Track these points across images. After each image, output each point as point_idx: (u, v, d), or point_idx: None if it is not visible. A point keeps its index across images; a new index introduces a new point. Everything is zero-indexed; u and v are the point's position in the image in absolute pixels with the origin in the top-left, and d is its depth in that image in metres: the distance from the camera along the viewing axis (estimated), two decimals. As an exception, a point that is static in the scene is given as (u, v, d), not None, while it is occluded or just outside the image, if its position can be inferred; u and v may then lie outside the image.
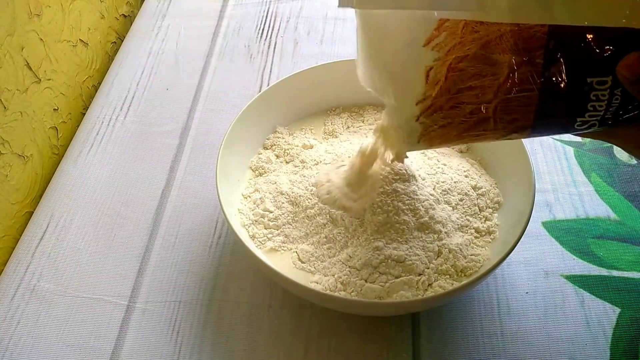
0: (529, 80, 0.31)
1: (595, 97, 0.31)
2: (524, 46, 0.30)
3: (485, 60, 0.31)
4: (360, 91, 0.54)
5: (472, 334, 0.44)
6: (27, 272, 0.49)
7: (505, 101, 0.32)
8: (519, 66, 0.31)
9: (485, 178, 0.49)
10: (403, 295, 0.41)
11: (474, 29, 0.31)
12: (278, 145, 0.52)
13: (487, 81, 0.32)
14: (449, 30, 0.32)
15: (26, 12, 0.55)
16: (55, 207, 0.54)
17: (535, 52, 0.30)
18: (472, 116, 0.34)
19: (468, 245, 0.45)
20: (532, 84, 0.31)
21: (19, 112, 0.54)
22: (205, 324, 0.46)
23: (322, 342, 0.44)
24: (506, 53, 0.31)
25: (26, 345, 0.45)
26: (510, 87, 0.32)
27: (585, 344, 0.43)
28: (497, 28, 0.30)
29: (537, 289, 0.47)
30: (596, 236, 0.50)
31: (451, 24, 0.31)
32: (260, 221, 0.47)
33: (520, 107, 0.32)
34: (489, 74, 0.32)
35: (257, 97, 0.51)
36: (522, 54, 0.30)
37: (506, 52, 0.31)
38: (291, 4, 0.74)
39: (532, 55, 0.30)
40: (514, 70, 0.31)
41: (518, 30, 0.30)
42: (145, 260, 0.50)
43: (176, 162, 0.57)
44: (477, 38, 0.31)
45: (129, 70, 0.66)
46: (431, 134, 0.35)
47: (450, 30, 0.32)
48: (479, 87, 0.32)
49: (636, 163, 0.55)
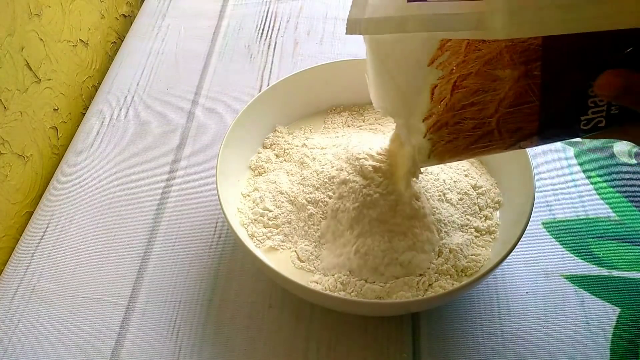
0: (528, 92, 0.32)
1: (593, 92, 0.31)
2: (521, 60, 0.31)
3: (488, 76, 0.32)
4: (360, 91, 0.54)
5: (472, 334, 0.44)
6: (27, 272, 0.49)
7: (507, 114, 0.33)
8: (518, 79, 0.31)
9: (486, 177, 0.49)
10: (403, 296, 0.41)
11: (476, 47, 0.32)
12: (278, 144, 0.52)
13: (488, 97, 0.33)
14: (452, 49, 0.33)
15: (26, 12, 0.55)
16: (55, 207, 0.54)
17: (531, 64, 0.31)
18: (477, 130, 0.34)
19: (468, 245, 0.45)
20: (532, 96, 0.32)
21: (19, 112, 0.54)
22: (205, 324, 0.46)
23: (322, 342, 0.44)
24: (506, 68, 0.31)
25: (26, 345, 0.45)
26: (511, 101, 0.32)
27: (585, 344, 0.43)
28: (497, 45, 0.31)
29: (537, 289, 0.47)
30: (596, 236, 0.50)
31: (453, 43, 0.32)
32: (260, 220, 0.47)
33: (522, 117, 0.33)
34: (490, 89, 0.32)
35: (257, 97, 0.51)
36: (520, 67, 0.31)
37: (505, 68, 0.31)
38: (291, 4, 0.74)
39: (529, 68, 0.31)
40: (514, 84, 0.32)
41: (512, 45, 0.31)
42: (145, 260, 0.50)
43: (176, 162, 0.57)
44: (480, 56, 0.32)
45: (129, 70, 0.66)
46: (439, 149, 0.36)
47: (453, 49, 0.33)
48: (481, 102, 0.33)
49: (636, 163, 0.55)
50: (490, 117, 0.33)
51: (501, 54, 0.31)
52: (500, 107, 0.33)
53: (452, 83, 0.33)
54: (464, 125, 0.34)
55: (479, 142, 0.35)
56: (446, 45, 0.33)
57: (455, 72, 0.33)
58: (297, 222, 0.46)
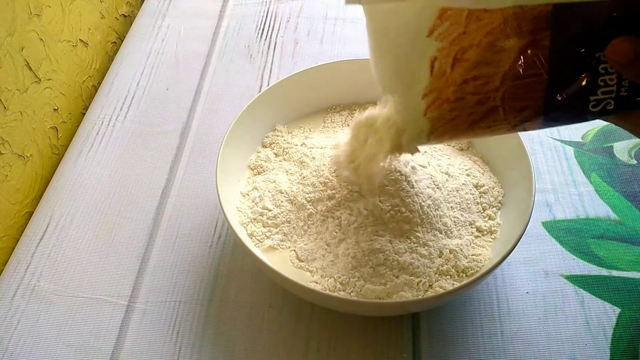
0: (536, 63, 0.30)
1: (604, 70, 0.30)
2: (529, 28, 0.29)
3: (491, 48, 0.31)
4: (360, 90, 0.55)
5: (472, 334, 0.44)
6: (27, 272, 0.49)
7: (513, 87, 0.31)
8: (525, 50, 0.30)
9: (489, 175, 0.49)
10: (403, 296, 0.41)
11: (478, 17, 0.30)
12: (277, 143, 0.52)
13: (492, 69, 0.31)
14: (452, 19, 0.31)
15: (26, 12, 0.55)
16: (55, 207, 0.54)
17: (541, 33, 0.29)
18: (480, 107, 0.33)
19: (469, 245, 0.45)
20: (540, 68, 0.30)
21: (19, 112, 0.54)
22: (205, 324, 0.46)
23: (322, 342, 0.44)
24: (511, 38, 0.30)
25: (26, 345, 0.45)
26: (517, 73, 0.31)
27: (585, 344, 0.43)
28: (501, 14, 0.30)
29: (537, 289, 0.47)
30: (596, 236, 0.50)
31: (454, 13, 0.31)
32: (259, 219, 0.47)
33: (529, 93, 0.31)
34: (494, 61, 0.31)
35: (257, 97, 0.52)
36: (527, 36, 0.29)
37: (511, 37, 0.30)
38: (291, 4, 0.74)
39: (538, 38, 0.29)
40: (520, 55, 0.30)
41: (521, 12, 0.29)
42: (145, 260, 0.50)
43: (176, 162, 0.57)
44: (481, 26, 0.30)
45: (129, 70, 0.66)
46: (439, 129, 0.35)
47: (454, 19, 0.31)
48: (485, 75, 0.31)
49: (636, 163, 0.55)
50: (495, 90, 0.32)
51: (506, 22, 0.29)
52: (506, 79, 0.31)
53: (453, 56, 0.31)
54: (467, 101, 0.33)
55: (481, 122, 0.33)
56: (446, 14, 0.31)
57: (455, 44, 0.31)
58: (297, 221, 0.46)
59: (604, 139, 0.57)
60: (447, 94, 0.33)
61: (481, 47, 0.31)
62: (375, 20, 0.34)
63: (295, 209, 0.47)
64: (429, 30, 0.32)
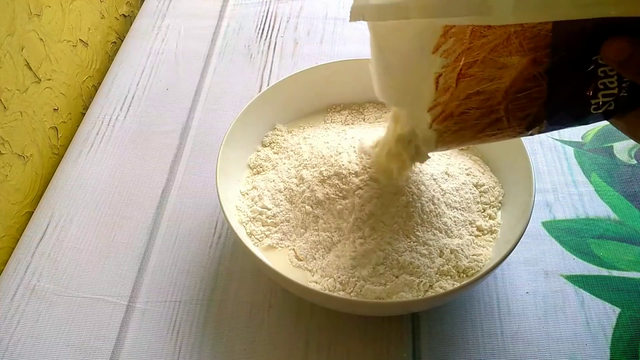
0: (537, 78, 0.31)
1: (603, 73, 0.30)
2: (529, 46, 0.30)
3: (494, 64, 0.31)
4: (360, 90, 0.55)
5: (472, 334, 0.44)
6: (27, 272, 0.49)
7: (516, 100, 0.32)
8: (526, 67, 0.31)
9: (489, 175, 0.49)
10: (403, 297, 0.41)
11: (482, 33, 0.31)
12: (276, 142, 0.52)
13: (494, 85, 0.32)
14: (456, 36, 0.32)
15: (26, 12, 0.55)
16: (55, 207, 0.54)
17: (541, 51, 0.30)
18: (485, 118, 0.34)
19: (469, 245, 0.45)
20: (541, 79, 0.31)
21: (19, 112, 0.54)
22: (205, 324, 0.46)
23: (322, 342, 0.44)
24: (513, 55, 0.31)
25: (26, 345, 0.45)
26: (518, 88, 0.32)
27: (585, 344, 0.43)
28: (504, 31, 0.30)
29: (537, 289, 0.47)
30: (596, 236, 0.50)
31: (457, 30, 0.31)
32: (258, 218, 0.47)
33: (531, 102, 0.32)
34: (496, 77, 0.32)
35: (257, 97, 0.51)
36: (528, 54, 0.30)
37: (513, 54, 0.31)
38: (291, 4, 0.74)
39: (539, 55, 0.30)
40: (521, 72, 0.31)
41: (522, 30, 0.30)
42: (145, 260, 0.50)
43: (176, 162, 0.57)
44: (485, 43, 0.31)
45: (129, 70, 0.66)
46: (446, 138, 0.36)
47: (458, 36, 0.32)
48: (487, 91, 0.32)
49: (636, 163, 0.55)
50: (498, 104, 0.33)
51: (509, 39, 0.30)
52: (508, 94, 0.32)
53: (458, 72, 0.32)
54: (470, 115, 0.34)
55: (487, 130, 0.34)
56: (450, 32, 0.32)
57: (460, 60, 0.32)
58: (296, 220, 0.46)
59: (604, 139, 0.57)
60: (451, 107, 0.34)
61: (485, 63, 0.32)
62: (380, 36, 0.35)
63: (294, 208, 0.47)
64: (434, 47, 0.32)
